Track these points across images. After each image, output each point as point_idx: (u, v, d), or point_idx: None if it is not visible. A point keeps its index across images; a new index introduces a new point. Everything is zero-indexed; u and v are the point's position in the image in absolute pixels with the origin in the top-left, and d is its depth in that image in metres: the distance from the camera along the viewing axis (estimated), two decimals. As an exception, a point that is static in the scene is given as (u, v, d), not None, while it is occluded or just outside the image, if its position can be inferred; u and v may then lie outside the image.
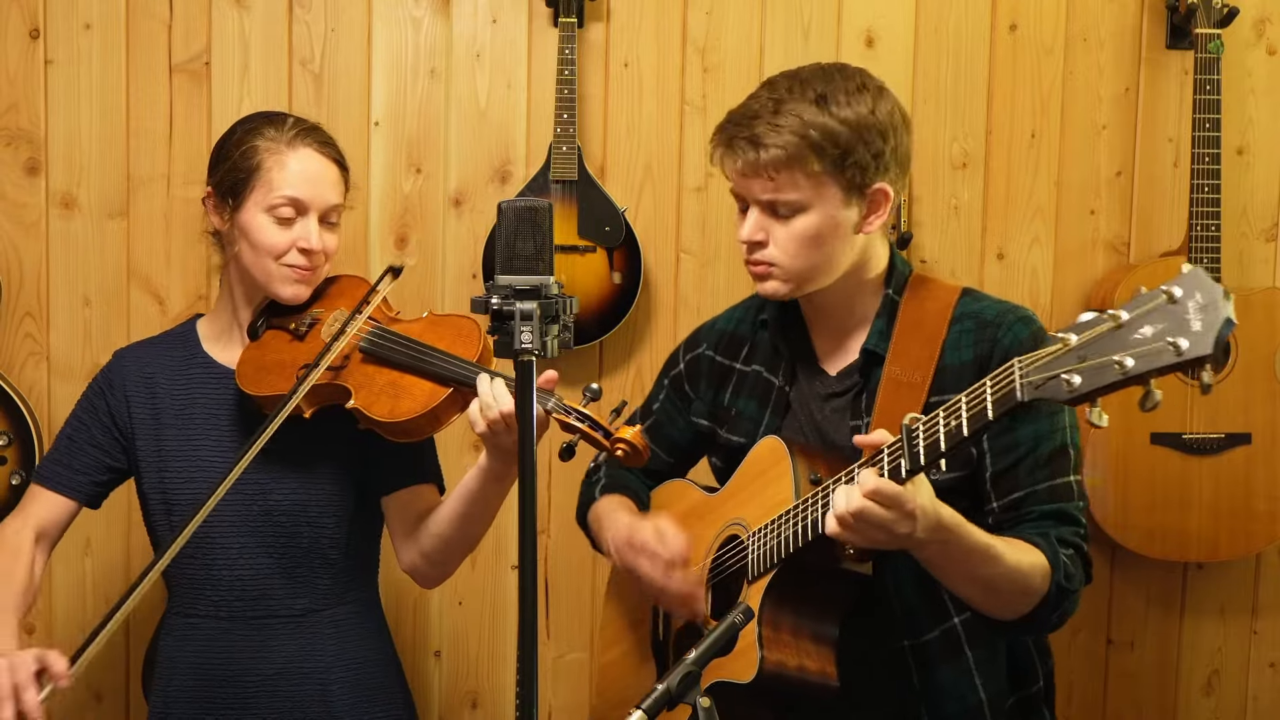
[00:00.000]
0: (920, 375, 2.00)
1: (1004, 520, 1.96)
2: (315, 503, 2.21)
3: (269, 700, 2.20)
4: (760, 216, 2.00)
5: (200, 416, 2.25)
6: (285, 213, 2.16)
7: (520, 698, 1.51)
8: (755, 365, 2.20)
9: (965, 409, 1.66)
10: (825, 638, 1.94)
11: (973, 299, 2.07)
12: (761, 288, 2.05)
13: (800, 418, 2.12)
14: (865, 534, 1.75)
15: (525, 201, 1.54)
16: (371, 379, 2.12)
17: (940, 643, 2.01)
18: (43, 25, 2.96)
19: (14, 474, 2.92)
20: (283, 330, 2.23)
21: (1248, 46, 3.10)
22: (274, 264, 2.17)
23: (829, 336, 2.13)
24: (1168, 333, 1.41)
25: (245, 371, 2.19)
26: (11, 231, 2.98)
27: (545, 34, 3.02)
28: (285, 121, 2.22)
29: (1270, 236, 3.14)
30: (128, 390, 2.29)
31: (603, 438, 1.92)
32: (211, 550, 2.19)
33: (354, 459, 2.23)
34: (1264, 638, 3.20)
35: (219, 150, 2.25)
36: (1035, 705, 2.08)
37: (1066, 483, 1.97)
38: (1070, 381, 1.49)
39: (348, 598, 2.28)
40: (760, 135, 1.95)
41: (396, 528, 2.27)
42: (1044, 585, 1.88)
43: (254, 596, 2.20)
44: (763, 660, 1.89)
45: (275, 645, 2.21)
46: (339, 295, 2.27)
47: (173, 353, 2.32)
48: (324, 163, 2.21)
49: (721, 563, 2.10)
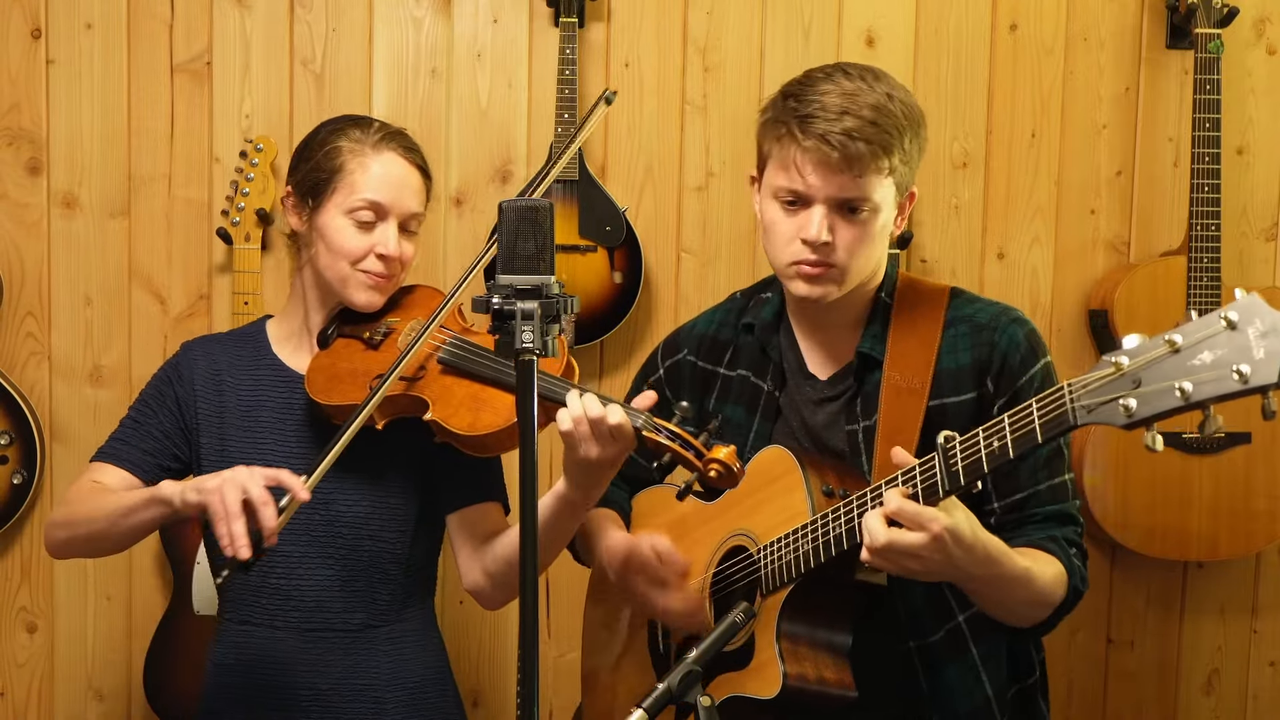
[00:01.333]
0: (919, 381, 1.99)
1: (1006, 521, 1.97)
2: (379, 515, 2.15)
3: (320, 715, 2.14)
4: (828, 215, 1.94)
5: (267, 419, 2.19)
6: (365, 216, 2.11)
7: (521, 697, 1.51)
8: (740, 370, 2.16)
9: (1010, 430, 1.65)
10: (840, 648, 1.93)
11: (964, 301, 2.06)
12: (810, 291, 1.98)
13: (792, 423, 2.10)
14: (898, 564, 1.75)
15: (526, 201, 1.54)
16: (450, 391, 2.05)
17: (946, 642, 2.00)
18: (44, 25, 2.96)
19: (15, 473, 2.92)
20: (355, 339, 2.17)
21: (1248, 46, 3.10)
22: (350, 268, 2.12)
23: (819, 341, 2.10)
24: (1230, 360, 1.40)
25: (316, 380, 2.13)
26: (13, 231, 2.99)
27: (546, 34, 3.02)
28: (371, 125, 2.17)
29: (1270, 236, 3.14)
30: (195, 383, 2.22)
31: (694, 457, 1.85)
32: (270, 558, 2.07)
33: (422, 473, 2.18)
34: (1264, 637, 3.21)
35: (302, 150, 2.20)
36: (1033, 695, 2.09)
37: (1064, 482, 1.98)
38: (1128, 407, 1.48)
39: (405, 615, 2.21)
40: (855, 130, 1.89)
41: (461, 545, 2.20)
42: (1063, 593, 1.90)
43: (310, 608, 2.14)
44: (785, 675, 1.87)
45: (330, 660, 2.15)
46: (414, 305, 2.20)
47: (241, 351, 2.25)
48: (408, 168, 2.16)
49: (726, 575, 2.07)
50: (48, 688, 3.05)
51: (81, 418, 3.01)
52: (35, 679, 3.05)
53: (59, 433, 3.01)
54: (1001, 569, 1.80)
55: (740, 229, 3.08)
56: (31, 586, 3.03)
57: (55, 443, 3.01)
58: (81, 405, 3.01)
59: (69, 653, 3.05)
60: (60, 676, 3.05)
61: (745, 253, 3.09)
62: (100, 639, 3.05)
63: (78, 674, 3.06)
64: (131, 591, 3.03)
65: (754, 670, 1.92)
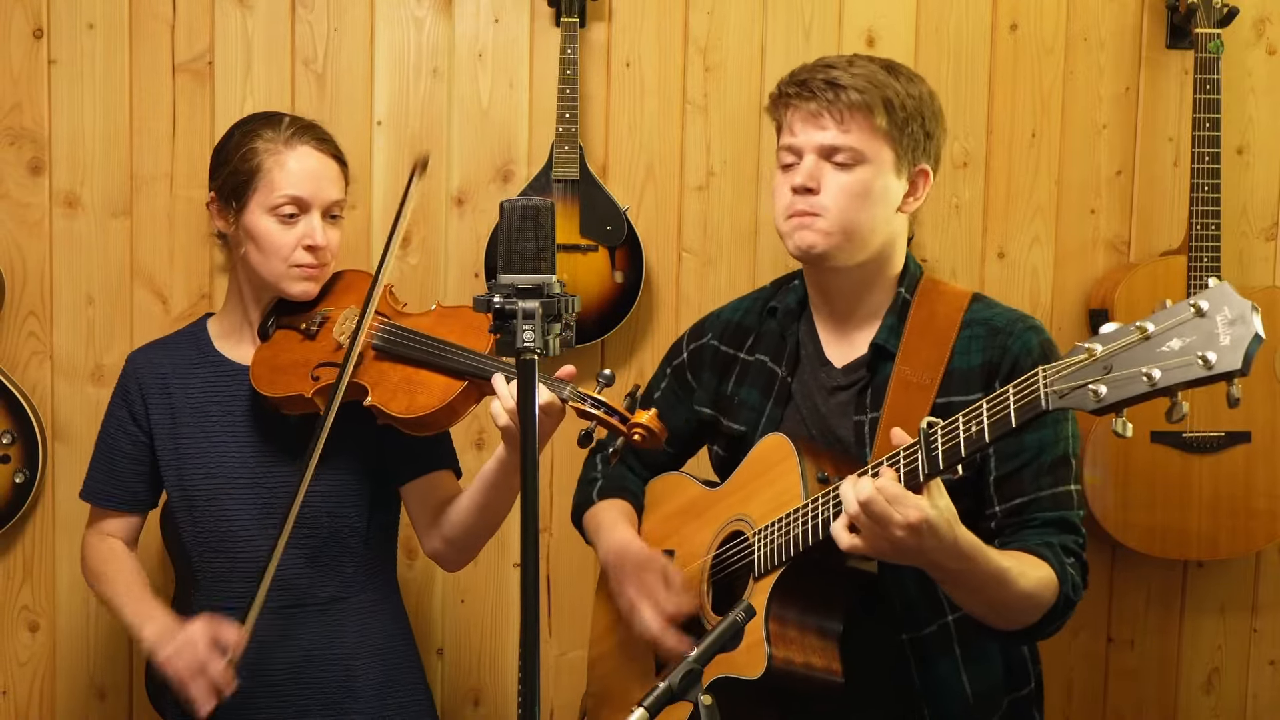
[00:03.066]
0: (929, 377, 2.00)
1: (1006, 525, 1.97)
2: (336, 493, 2.24)
3: (296, 687, 2.24)
4: (815, 164, 2.02)
5: (216, 414, 2.28)
6: (288, 211, 2.19)
7: (522, 695, 1.52)
8: (759, 354, 2.20)
9: (987, 415, 1.67)
10: (830, 634, 1.95)
11: (984, 305, 2.08)
12: (799, 238, 2.04)
13: (802, 409, 2.12)
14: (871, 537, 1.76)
15: (527, 200, 1.54)
16: (386, 375, 2.13)
17: (938, 637, 2.02)
18: (46, 25, 2.97)
19: (17, 472, 2.93)
20: (293, 330, 2.25)
21: (1248, 46, 3.10)
22: (282, 265, 2.20)
23: (837, 329, 2.13)
24: (1196, 347, 1.42)
25: (260, 373, 2.21)
26: (15, 231, 2.99)
27: (547, 34, 3.02)
28: (282, 121, 2.25)
29: (1270, 235, 3.15)
30: (144, 392, 2.32)
31: (619, 423, 1.94)
32: (235, 543, 2.24)
33: (371, 450, 2.26)
34: (1264, 636, 3.21)
35: (218, 154, 2.27)
36: (1026, 708, 2.09)
37: (1068, 491, 1.98)
38: (1097, 392, 1.49)
39: (371, 585, 2.32)
40: (838, 78, 1.99)
41: (417, 515, 2.30)
42: (1051, 599, 1.90)
43: (280, 585, 2.19)
44: (770, 657, 1.89)
45: (301, 633, 2.25)
46: (346, 290, 2.28)
47: (185, 352, 2.34)
48: (323, 159, 2.24)
49: (724, 559, 2.10)
50: (49, 686, 3.06)
51: (83, 417, 3.01)
52: (37, 678, 3.05)
53: (61, 432, 3.02)
54: (974, 565, 1.81)
55: (741, 228, 3.09)
56: (33, 585, 3.03)
57: (57, 442, 3.01)
58: (83, 404, 3.01)
59: (71, 651, 3.05)
60: (62, 675, 3.06)
61: (746, 252, 3.09)
62: (102, 638, 3.05)
63: (79, 673, 3.06)
64: (133, 590, 3.03)
65: (741, 652, 1.93)
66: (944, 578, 1.86)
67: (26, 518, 3.00)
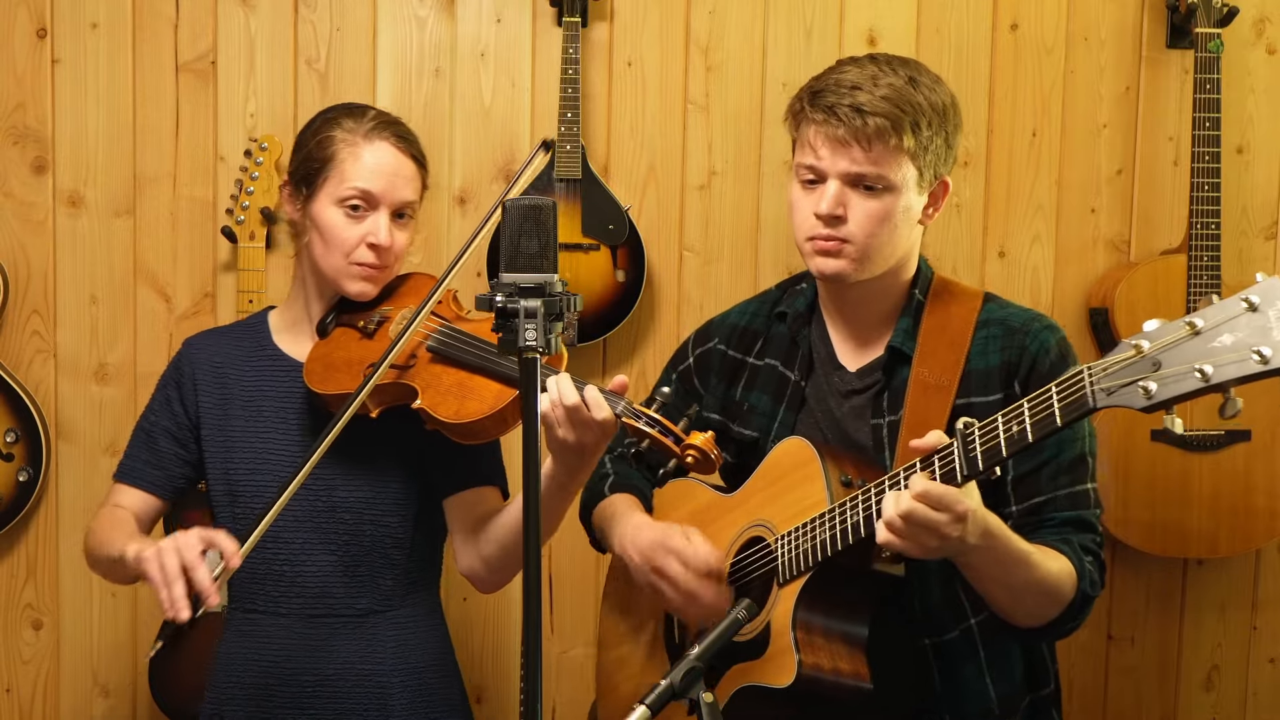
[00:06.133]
0: (948, 378, 1.99)
1: (1024, 524, 1.96)
2: (380, 500, 2.16)
3: (326, 701, 2.15)
4: (841, 190, 1.97)
5: (269, 409, 2.20)
6: (356, 204, 2.11)
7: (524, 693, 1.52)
8: (769, 359, 2.18)
9: (1029, 415, 1.66)
10: (856, 639, 1.93)
11: (997, 305, 2.07)
12: (824, 265, 2.00)
13: (816, 413, 2.11)
14: (916, 539, 1.74)
15: (529, 200, 1.55)
16: (439, 379, 2.06)
17: (960, 642, 2.01)
18: (50, 25, 2.98)
19: (21, 470, 2.94)
20: (351, 328, 2.18)
21: (1247, 46, 3.11)
22: (342, 260, 2.13)
23: (850, 333, 2.11)
24: (1250, 341, 1.41)
25: (313, 369, 2.15)
26: (19, 230, 3.00)
27: (549, 33, 3.03)
28: (366, 113, 2.17)
29: (1270, 235, 3.15)
30: (196, 377, 2.24)
31: (673, 443, 1.86)
32: (273, 545, 2.13)
33: (420, 459, 2.18)
34: (1264, 634, 3.22)
35: (298, 139, 2.21)
36: (1046, 707, 2.09)
37: (1085, 490, 1.98)
38: (1147, 389, 1.48)
39: (410, 600, 2.22)
40: (865, 104, 1.93)
41: (457, 530, 2.21)
42: (1070, 593, 1.89)
43: (314, 594, 2.15)
44: (800, 664, 1.87)
45: (335, 645, 2.16)
46: (409, 293, 2.21)
47: (243, 343, 2.27)
48: (400, 157, 2.15)
49: (743, 565, 2.07)
50: (53, 684, 3.07)
51: (87, 415, 3.02)
52: (41, 675, 3.06)
53: (64, 430, 3.03)
54: (998, 542, 1.80)
55: (743, 228, 3.09)
56: (37, 583, 3.04)
57: (61, 440, 3.02)
58: (87, 403, 3.02)
59: (74, 649, 3.06)
60: (66, 673, 3.07)
61: (748, 251, 3.10)
62: (106, 635, 3.06)
63: (83, 670, 3.07)
64: (137, 587, 3.04)
65: (769, 659, 1.92)
66: (972, 561, 1.84)
67: (30, 516, 3.01)
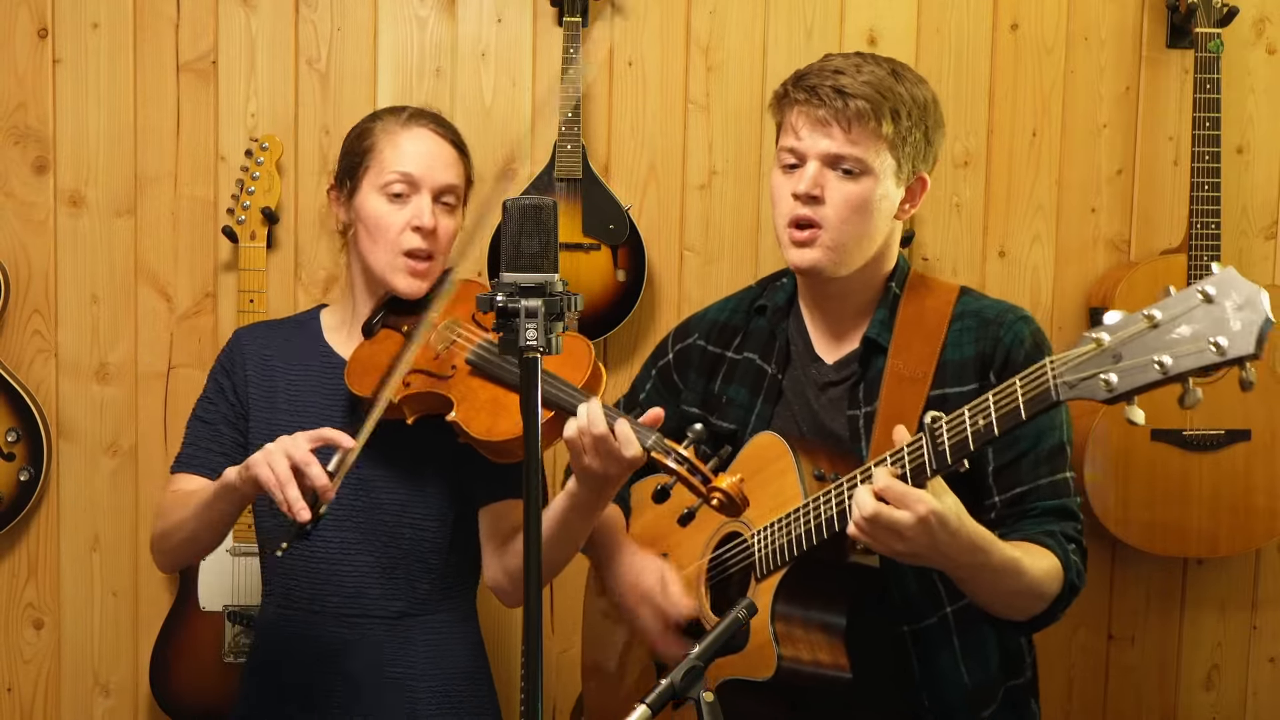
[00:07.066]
0: (922, 370, 2.02)
1: (1006, 515, 1.98)
2: (417, 505, 2.16)
3: (354, 702, 2.15)
4: (820, 171, 2.00)
5: (316, 405, 2.20)
6: (397, 189, 2.12)
7: (525, 692, 1.53)
8: (747, 352, 2.20)
9: (994, 408, 1.67)
10: (835, 629, 1.96)
11: (972, 298, 2.09)
12: (800, 257, 2.03)
13: (794, 406, 2.13)
14: (882, 541, 1.77)
15: (530, 199, 1.55)
16: (475, 393, 2.05)
17: (937, 629, 2.03)
18: (51, 24, 2.98)
19: (22, 470, 2.94)
20: (395, 330, 2.18)
21: (1247, 46, 3.11)
22: (390, 252, 2.13)
23: (827, 325, 2.14)
24: (1207, 332, 1.42)
25: (354, 369, 2.15)
26: (20, 230, 3.00)
27: (550, 33, 3.03)
28: (405, 110, 2.21)
29: (1270, 234, 3.16)
30: (247, 369, 2.24)
31: (700, 483, 1.85)
32: (311, 542, 2.11)
33: (458, 466, 2.17)
34: (1264, 633, 3.22)
35: (342, 148, 2.24)
36: (1024, 696, 2.11)
37: (1065, 479, 2.00)
38: (1108, 381, 1.50)
39: (445, 606, 2.22)
40: (846, 86, 1.97)
41: (487, 541, 2.20)
42: (1058, 587, 1.92)
43: (350, 593, 2.15)
44: (780, 657, 1.90)
45: (367, 646, 2.16)
46: (458, 300, 2.18)
47: (293, 338, 2.28)
48: (438, 141, 2.17)
49: (721, 561, 2.10)
50: (54, 684, 3.07)
51: (88, 415, 3.02)
52: (42, 675, 3.07)
53: (65, 430, 3.03)
54: (988, 558, 1.82)
55: (743, 227, 3.09)
56: (38, 583, 3.05)
57: (62, 440, 3.02)
58: (88, 402, 3.03)
59: (76, 648, 3.07)
60: (67, 672, 3.07)
61: (748, 251, 3.10)
62: (107, 635, 3.06)
63: (84, 670, 3.07)
64: (138, 587, 3.05)
65: (750, 653, 1.94)
66: (960, 575, 1.87)
67: (31, 515, 3.01)
